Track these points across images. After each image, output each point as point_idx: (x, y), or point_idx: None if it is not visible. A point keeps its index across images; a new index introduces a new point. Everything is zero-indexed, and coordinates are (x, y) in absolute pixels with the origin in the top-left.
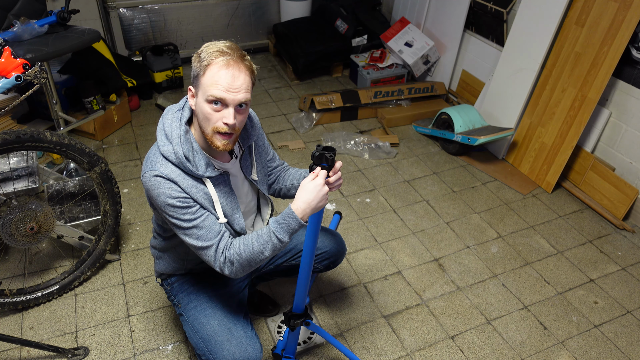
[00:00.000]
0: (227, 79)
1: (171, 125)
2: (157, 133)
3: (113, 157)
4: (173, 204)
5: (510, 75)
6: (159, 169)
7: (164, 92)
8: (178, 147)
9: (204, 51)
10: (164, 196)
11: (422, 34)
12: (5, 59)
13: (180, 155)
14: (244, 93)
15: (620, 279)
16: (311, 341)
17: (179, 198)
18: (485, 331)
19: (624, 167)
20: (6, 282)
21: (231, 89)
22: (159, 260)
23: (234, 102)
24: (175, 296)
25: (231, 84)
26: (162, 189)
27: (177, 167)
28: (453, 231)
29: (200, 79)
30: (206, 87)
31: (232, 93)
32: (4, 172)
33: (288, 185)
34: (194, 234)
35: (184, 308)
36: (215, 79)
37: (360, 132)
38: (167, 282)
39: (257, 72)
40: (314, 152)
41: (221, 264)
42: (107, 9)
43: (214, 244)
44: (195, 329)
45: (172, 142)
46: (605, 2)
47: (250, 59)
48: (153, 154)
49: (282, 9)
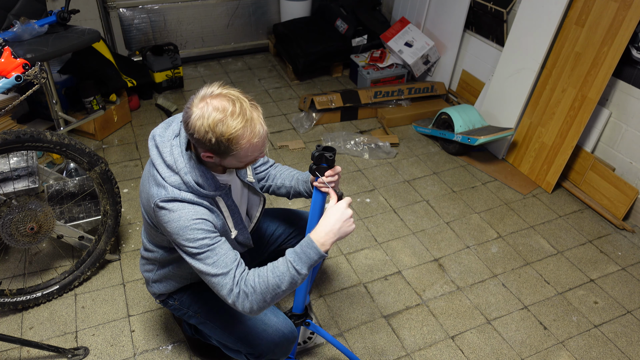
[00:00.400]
0: (263, 146)
1: (172, 155)
2: (154, 161)
3: (113, 157)
4: (196, 227)
5: (510, 75)
6: (174, 194)
7: (164, 92)
8: (187, 177)
9: (224, 132)
10: (185, 219)
11: (422, 34)
12: (5, 59)
13: (191, 184)
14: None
15: (620, 279)
16: (311, 341)
17: (201, 220)
18: (485, 331)
19: (624, 167)
20: (6, 282)
21: (264, 145)
22: (157, 283)
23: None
24: (189, 308)
25: (263, 145)
26: (182, 211)
27: (191, 194)
28: (453, 231)
29: (230, 154)
30: (242, 158)
31: (265, 146)
32: (4, 172)
33: (278, 184)
34: (210, 260)
35: (206, 316)
36: (251, 154)
37: (360, 132)
38: (172, 300)
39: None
40: (313, 152)
41: (235, 295)
42: (107, 9)
43: (232, 269)
44: (226, 331)
45: (178, 172)
46: (605, 2)
47: (248, 97)
48: (159, 183)
49: (282, 9)
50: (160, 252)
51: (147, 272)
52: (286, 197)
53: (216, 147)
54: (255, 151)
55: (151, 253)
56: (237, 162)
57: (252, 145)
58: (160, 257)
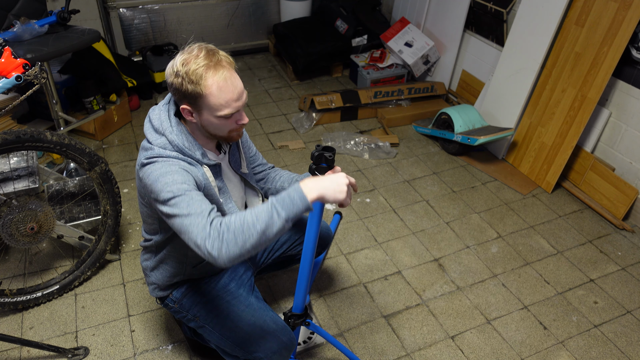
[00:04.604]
0: (233, 94)
1: (160, 118)
2: (145, 132)
3: (113, 157)
4: (175, 172)
5: (510, 75)
6: (159, 152)
7: (164, 92)
8: (172, 137)
9: (189, 70)
10: (166, 168)
11: (422, 34)
12: (5, 59)
13: (176, 143)
14: (244, 91)
15: (620, 279)
16: (311, 341)
17: (182, 170)
18: (485, 331)
19: (624, 167)
20: (6, 282)
21: (238, 99)
22: (155, 270)
23: (243, 105)
24: (189, 311)
25: (237, 95)
26: (165, 163)
27: (176, 152)
28: (453, 231)
29: (201, 101)
30: (214, 109)
31: (240, 101)
32: (4, 172)
33: (277, 187)
34: (184, 204)
35: (205, 319)
36: (221, 102)
37: (360, 132)
38: (171, 301)
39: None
40: (313, 152)
41: (207, 234)
42: (107, 9)
43: (206, 210)
44: (225, 335)
45: (164, 133)
46: (605, 2)
47: (222, 52)
48: (145, 147)
49: (282, 9)
50: (155, 238)
51: (145, 261)
52: None
53: (185, 91)
54: (227, 99)
55: (148, 242)
56: (211, 115)
57: (220, 88)
58: (155, 242)
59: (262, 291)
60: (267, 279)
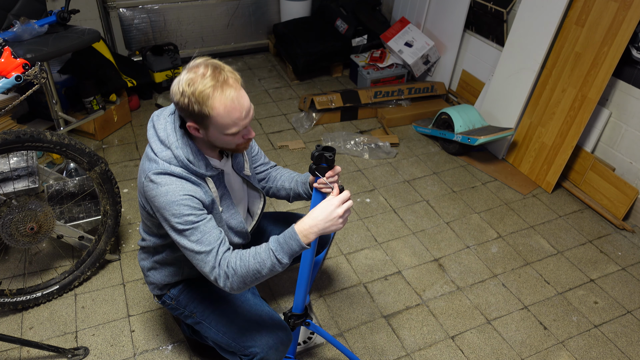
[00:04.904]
0: (240, 113)
1: (166, 130)
2: (149, 139)
3: (113, 157)
4: (182, 202)
5: (510, 75)
6: (164, 167)
7: (164, 92)
8: (178, 151)
9: (195, 91)
10: (173, 194)
11: (422, 34)
12: (5, 59)
13: (182, 158)
14: (251, 107)
15: (620, 279)
16: (311, 341)
17: (188, 196)
18: (485, 331)
19: (624, 167)
20: (6, 282)
21: (245, 117)
22: (154, 271)
23: (250, 121)
24: (185, 308)
25: (244, 114)
26: (170, 186)
27: (181, 168)
28: (453, 231)
29: (208, 120)
30: (221, 128)
31: (247, 118)
32: (4, 172)
33: (278, 186)
34: (195, 237)
35: (202, 315)
36: (228, 121)
37: (360, 132)
38: (168, 298)
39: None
40: (313, 152)
41: (217, 274)
42: (107, 9)
43: (215, 247)
44: (221, 331)
45: (170, 147)
46: (605, 2)
47: (227, 68)
48: (151, 158)
49: (282, 9)
50: (153, 240)
51: (142, 261)
52: (286, 199)
53: (192, 111)
54: (234, 118)
55: (146, 242)
56: (218, 133)
57: (227, 109)
58: (154, 244)
59: (262, 291)
60: (266, 279)
